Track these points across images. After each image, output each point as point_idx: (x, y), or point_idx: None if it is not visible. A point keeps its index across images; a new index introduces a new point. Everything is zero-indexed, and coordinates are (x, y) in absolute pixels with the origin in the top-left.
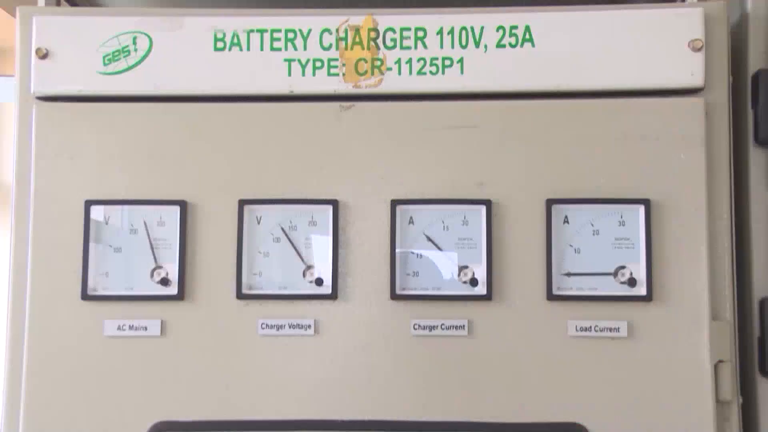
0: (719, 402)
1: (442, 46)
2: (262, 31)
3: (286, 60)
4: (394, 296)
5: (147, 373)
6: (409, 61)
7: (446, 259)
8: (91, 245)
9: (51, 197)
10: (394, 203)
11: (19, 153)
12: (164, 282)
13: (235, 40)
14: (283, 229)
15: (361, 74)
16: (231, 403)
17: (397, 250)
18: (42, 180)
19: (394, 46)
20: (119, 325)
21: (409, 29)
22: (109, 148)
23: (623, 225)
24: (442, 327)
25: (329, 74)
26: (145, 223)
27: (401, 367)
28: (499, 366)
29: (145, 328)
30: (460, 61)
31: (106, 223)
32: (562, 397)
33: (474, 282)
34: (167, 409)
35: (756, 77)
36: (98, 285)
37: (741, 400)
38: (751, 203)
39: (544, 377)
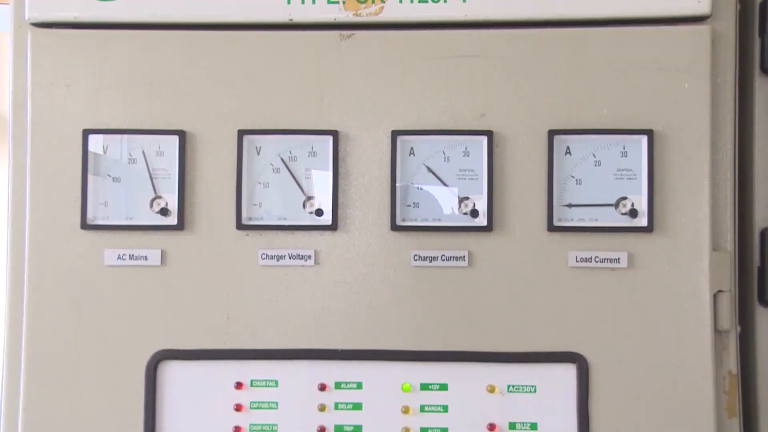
0: (717, 331)
1: None
2: None
3: None
4: (395, 227)
5: (147, 303)
6: None
7: (447, 191)
8: (90, 174)
9: (48, 126)
10: (395, 134)
11: (14, 81)
12: (164, 212)
13: None
14: (282, 159)
15: (362, 2)
16: (231, 333)
17: (397, 181)
18: (38, 109)
19: None
20: (119, 255)
21: None
22: (106, 77)
23: (625, 156)
24: (442, 258)
25: (329, 2)
26: (143, 153)
27: (401, 297)
28: (499, 296)
29: (146, 258)
30: None
31: (105, 153)
32: (561, 327)
33: (474, 213)
34: (168, 338)
35: (764, 5)
36: (98, 215)
37: (739, 329)
38: (756, 134)
39: (544, 308)
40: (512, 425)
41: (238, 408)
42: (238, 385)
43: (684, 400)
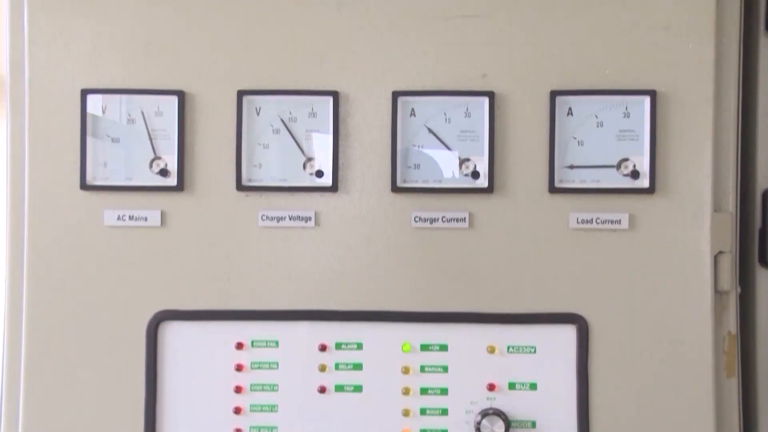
0: (718, 292)
1: None
2: None
3: None
4: (395, 189)
5: (148, 263)
6: None
7: (448, 152)
8: (89, 135)
9: (46, 86)
10: (396, 95)
11: (11, 41)
12: (163, 173)
13: None
14: (282, 120)
15: None
16: (232, 294)
17: (398, 143)
18: (36, 68)
19: None
20: (119, 215)
21: None
22: (104, 36)
23: (628, 117)
24: (443, 219)
25: None
26: (142, 113)
27: (401, 259)
28: (500, 258)
29: (145, 219)
30: None
31: (103, 113)
32: (562, 289)
33: (475, 174)
34: (169, 299)
35: None
36: (97, 175)
37: (739, 290)
38: (759, 94)
39: (544, 269)
40: (512, 385)
41: (239, 368)
42: (239, 345)
43: (683, 360)
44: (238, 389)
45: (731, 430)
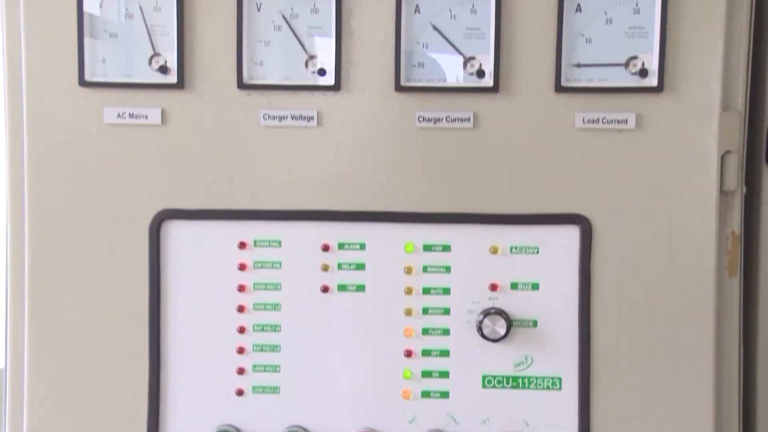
0: (723, 192)
1: None
2: None
3: None
4: (399, 88)
5: (149, 162)
6: None
7: (453, 50)
8: (86, 30)
9: None
10: None
11: None
12: (163, 70)
13: None
14: (284, 16)
15: None
16: (234, 193)
17: (402, 41)
18: None
19: None
20: (119, 113)
21: None
22: None
23: (638, 13)
24: (447, 119)
25: None
26: (140, 8)
27: (405, 159)
28: (504, 158)
29: (146, 117)
30: None
31: (101, 7)
32: (566, 189)
33: (481, 73)
34: (170, 198)
35: None
36: (96, 71)
37: (745, 190)
38: None
39: (549, 170)
40: (514, 285)
41: (242, 267)
42: (242, 245)
43: (686, 260)
44: (241, 288)
45: (731, 330)
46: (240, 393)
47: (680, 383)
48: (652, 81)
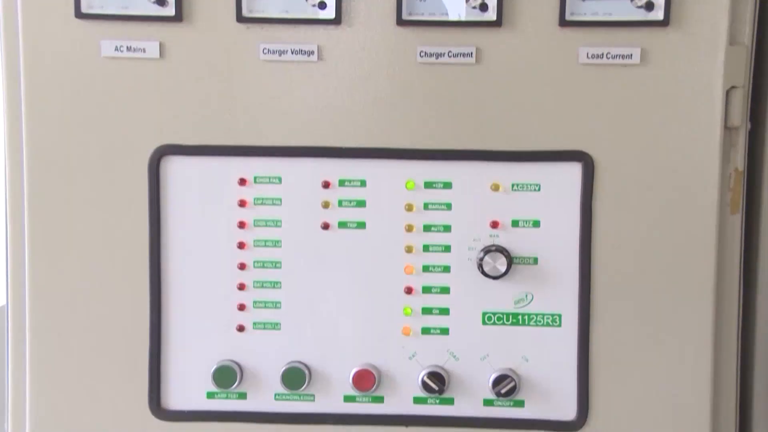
0: (727, 128)
1: None
2: None
3: None
4: (400, 22)
5: (148, 97)
6: None
7: None
8: None
9: None
10: None
11: None
12: (161, 2)
13: None
14: None
15: None
16: (234, 128)
17: None
18: None
19: None
20: (116, 46)
21: None
22: None
23: None
24: (449, 54)
25: None
26: None
27: (406, 94)
28: (507, 94)
29: (143, 50)
30: None
31: None
32: (569, 126)
33: (483, 7)
34: (169, 133)
35: None
36: (92, 3)
37: (749, 126)
38: None
39: (551, 106)
40: (515, 222)
41: (242, 203)
42: (242, 182)
43: (688, 196)
44: (241, 224)
45: (732, 266)
46: (241, 329)
47: (680, 319)
48: (658, 14)
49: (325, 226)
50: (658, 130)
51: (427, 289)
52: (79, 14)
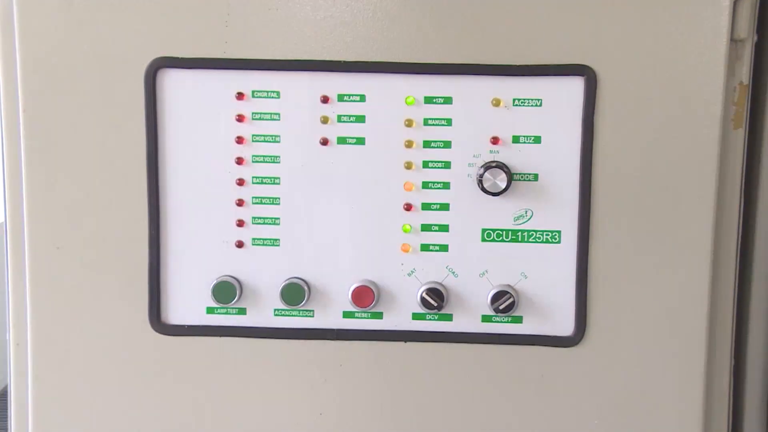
0: (733, 41)
1: None
2: None
3: None
4: None
5: (142, 7)
6: None
7: None
8: None
9: None
10: None
11: None
12: None
13: None
14: None
15: None
16: (231, 41)
17: None
18: None
19: None
20: None
21: None
22: None
23: None
24: None
25: None
26: None
27: (406, 6)
28: (507, 6)
29: None
30: None
31: None
32: (571, 39)
33: None
34: (166, 46)
35: None
36: None
37: (756, 38)
38: None
39: (554, 18)
40: (516, 138)
41: (240, 118)
42: (240, 96)
43: (691, 110)
44: (239, 140)
45: (733, 182)
46: (240, 245)
47: (679, 236)
48: None
49: (324, 142)
50: (662, 42)
51: (426, 206)
52: None
